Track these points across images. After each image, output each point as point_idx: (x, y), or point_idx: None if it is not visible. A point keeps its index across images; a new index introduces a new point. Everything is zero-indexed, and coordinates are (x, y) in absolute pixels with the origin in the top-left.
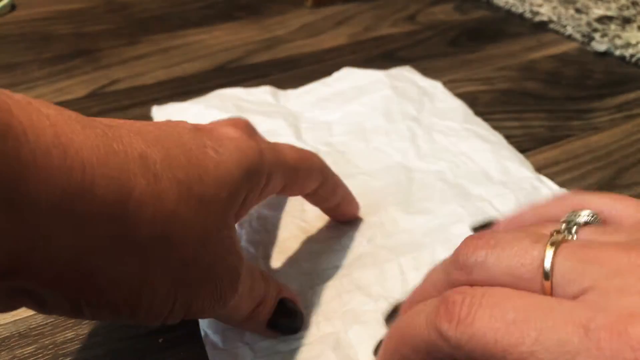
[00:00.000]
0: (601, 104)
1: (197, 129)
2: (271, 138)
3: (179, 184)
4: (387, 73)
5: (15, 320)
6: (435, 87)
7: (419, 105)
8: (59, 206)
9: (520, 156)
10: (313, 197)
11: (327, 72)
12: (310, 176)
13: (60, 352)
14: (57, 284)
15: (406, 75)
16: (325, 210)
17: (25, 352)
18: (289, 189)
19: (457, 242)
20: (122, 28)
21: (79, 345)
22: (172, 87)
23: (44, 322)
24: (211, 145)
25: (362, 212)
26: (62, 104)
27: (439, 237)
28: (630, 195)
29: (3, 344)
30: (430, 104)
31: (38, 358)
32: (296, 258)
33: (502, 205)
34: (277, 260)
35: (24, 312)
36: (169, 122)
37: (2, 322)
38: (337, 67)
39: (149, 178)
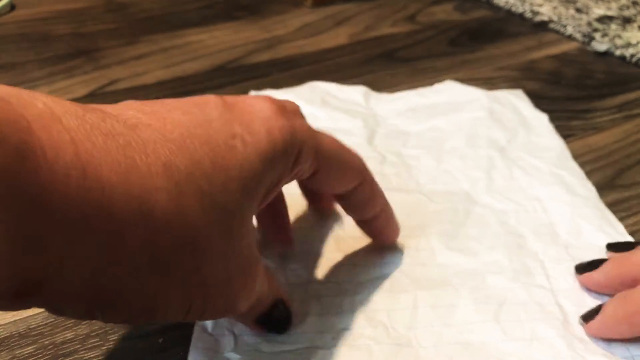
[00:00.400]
0: (602, 103)
1: (228, 108)
2: (342, 136)
3: (202, 195)
4: (490, 93)
5: (15, 320)
6: (538, 119)
7: (512, 134)
8: (75, 227)
9: (608, 220)
10: (347, 202)
11: (327, 72)
12: (346, 171)
13: (60, 352)
14: (73, 300)
15: (511, 100)
16: (360, 224)
17: (24, 352)
18: (321, 180)
19: (488, 293)
20: (122, 28)
21: (78, 345)
22: (172, 87)
23: (44, 323)
24: (240, 132)
25: (403, 234)
26: None
27: (469, 282)
28: (631, 196)
29: (3, 344)
30: (525, 136)
31: (38, 358)
32: (315, 264)
33: (553, 271)
34: (296, 261)
35: (23, 312)
36: (199, 103)
37: (2, 322)
38: (337, 67)
39: (171, 191)
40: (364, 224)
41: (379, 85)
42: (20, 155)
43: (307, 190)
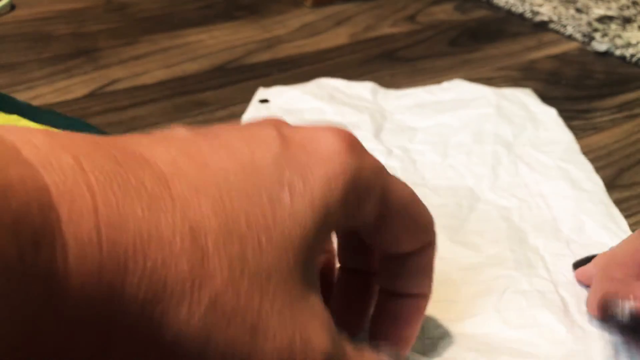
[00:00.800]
0: (602, 103)
1: (285, 145)
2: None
3: (230, 259)
4: (497, 91)
5: None
6: (547, 114)
7: (519, 130)
8: (84, 315)
9: (612, 216)
10: (399, 267)
11: (327, 72)
12: (416, 225)
13: None
14: None
15: (519, 97)
16: (385, 302)
17: None
18: (383, 232)
19: (489, 284)
20: (122, 28)
21: None
22: (172, 87)
23: None
24: (290, 179)
25: None
26: (62, 103)
27: (471, 277)
28: (631, 196)
29: None
30: (533, 131)
31: None
32: None
33: (553, 266)
34: None
35: None
36: (253, 139)
37: None
38: (337, 67)
39: (194, 261)
40: (394, 302)
41: (379, 85)
42: (36, 244)
43: (351, 247)
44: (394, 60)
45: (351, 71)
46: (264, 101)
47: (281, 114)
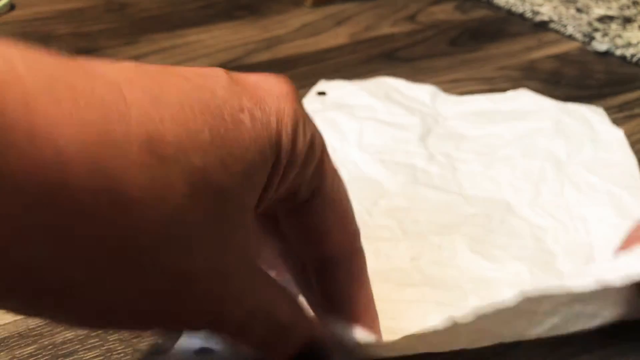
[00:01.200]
0: (602, 103)
1: (235, 81)
2: (394, 130)
3: (192, 172)
4: (562, 105)
5: (15, 321)
6: (612, 134)
7: (576, 148)
8: (26, 211)
9: None
10: (332, 273)
11: (327, 72)
12: (347, 212)
13: (60, 353)
14: (33, 300)
15: (584, 113)
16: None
17: (24, 353)
18: (315, 214)
19: (497, 299)
20: (122, 28)
21: (78, 345)
22: None
23: (43, 323)
24: (249, 107)
25: (428, 230)
26: None
27: (482, 291)
28: None
29: (2, 344)
30: (591, 151)
31: (37, 358)
32: None
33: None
34: None
35: None
36: (203, 74)
37: (1, 322)
38: (337, 67)
39: (152, 167)
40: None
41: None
42: None
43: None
44: (394, 60)
45: (351, 71)
46: (321, 93)
47: (332, 107)
